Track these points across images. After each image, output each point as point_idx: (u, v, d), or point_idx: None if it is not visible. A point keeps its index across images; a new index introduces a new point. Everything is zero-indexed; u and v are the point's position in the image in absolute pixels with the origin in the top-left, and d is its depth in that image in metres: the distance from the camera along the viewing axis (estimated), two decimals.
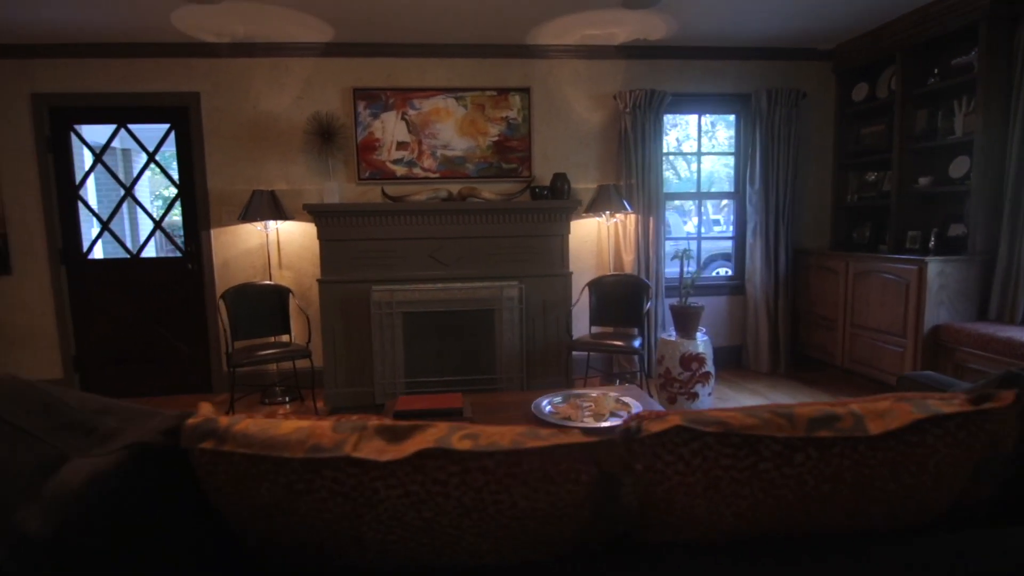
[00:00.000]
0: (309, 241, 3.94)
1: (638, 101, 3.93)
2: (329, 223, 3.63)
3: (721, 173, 6.55)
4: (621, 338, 3.51)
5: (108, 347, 3.98)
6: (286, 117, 3.87)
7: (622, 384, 3.94)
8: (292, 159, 3.91)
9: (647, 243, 4.08)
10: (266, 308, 3.67)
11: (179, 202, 3.93)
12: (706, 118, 4.99)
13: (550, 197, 3.88)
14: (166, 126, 3.86)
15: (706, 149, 8.26)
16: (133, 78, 3.73)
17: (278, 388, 3.91)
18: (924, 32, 3.43)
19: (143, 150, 3.91)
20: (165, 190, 8.39)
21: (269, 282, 3.72)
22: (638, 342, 3.40)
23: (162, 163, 3.98)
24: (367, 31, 3.61)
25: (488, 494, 0.66)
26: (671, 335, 3.41)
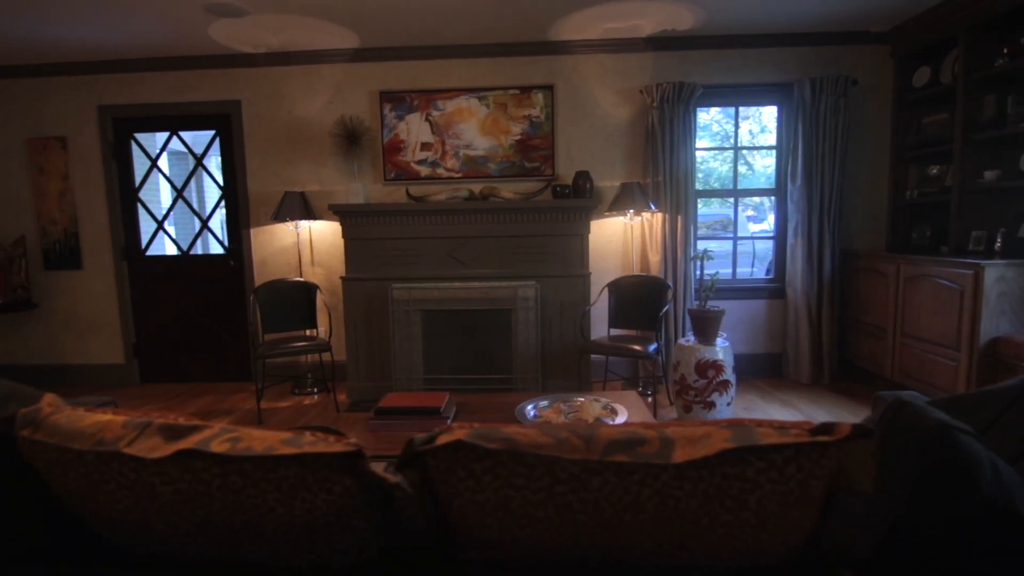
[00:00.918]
0: (339, 240, 4.09)
1: (666, 95, 3.76)
2: (353, 223, 3.76)
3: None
4: (639, 342, 3.38)
5: (163, 336, 4.33)
6: (317, 121, 4.04)
7: (642, 389, 3.81)
8: (323, 162, 4.08)
9: (674, 243, 3.90)
10: (295, 303, 3.85)
11: (223, 203, 4.20)
12: (750, 110, 4.69)
13: (572, 196, 3.80)
14: (212, 132, 4.14)
15: (756, 143, 7.78)
16: (183, 88, 4.03)
17: (310, 377, 4.10)
18: (992, 7, 3.04)
19: (191, 155, 4.22)
20: (211, 192, 8.98)
21: (299, 279, 3.90)
22: (654, 346, 3.26)
23: (208, 166, 4.28)
24: (392, 36, 3.69)
25: (246, 497, 0.65)
26: (689, 340, 3.24)
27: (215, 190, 4.27)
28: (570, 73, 3.94)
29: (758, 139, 8.78)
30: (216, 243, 4.30)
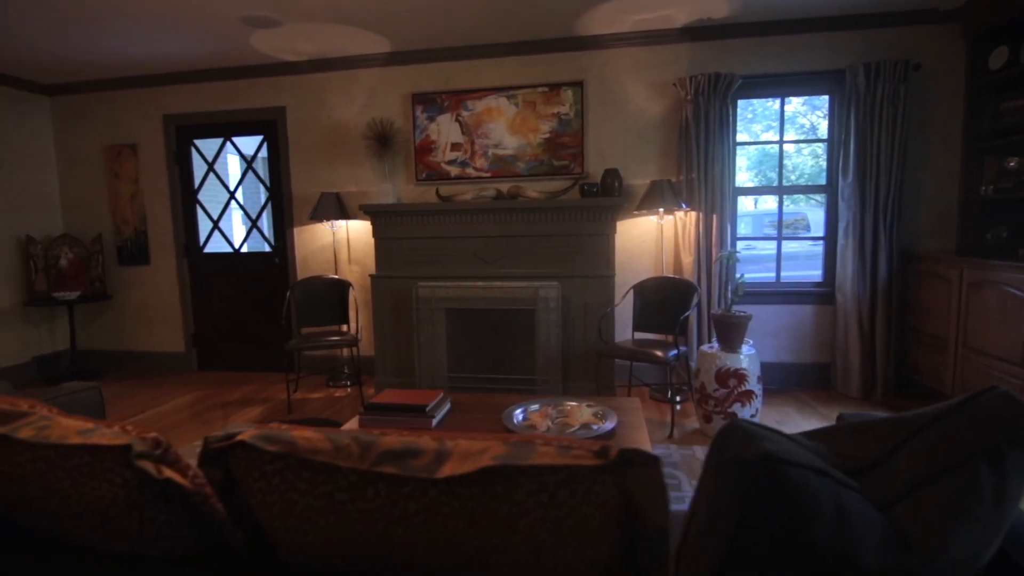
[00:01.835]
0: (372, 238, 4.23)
1: (700, 87, 3.57)
2: (382, 222, 3.87)
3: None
4: (661, 347, 3.23)
5: (218, 327, 4.67)
6: (354, 124, 4.19)
7: (670, 396, 3.64)
8: (359, 163, 4.23)
9: (709, 243, 3.69)
10: (329, 300, 4.02)
11: (269, 204, 4.46)
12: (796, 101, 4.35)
13: (600, 194, 3.69)
14: (260, 137, 4.41)
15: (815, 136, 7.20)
16: (235, 96, 4.32)
17: (346, 370, 4.28)
18: None
19: (242, 158, 4.51)
20: (259, 193, 9.57)
21: (333, 276, 4.07)
22: (673, 352, 3.11)
23: (256, 169, 4.56)
24: (422, 39, 3.75)
25: (52, 482, 0.68)
26: (712, 346, 3.05)
27: (260, 191, 4.55)
28: (600, 68, 3.84)
29: (821, 129, 8.33)
30: (264, 242, 4.58)
